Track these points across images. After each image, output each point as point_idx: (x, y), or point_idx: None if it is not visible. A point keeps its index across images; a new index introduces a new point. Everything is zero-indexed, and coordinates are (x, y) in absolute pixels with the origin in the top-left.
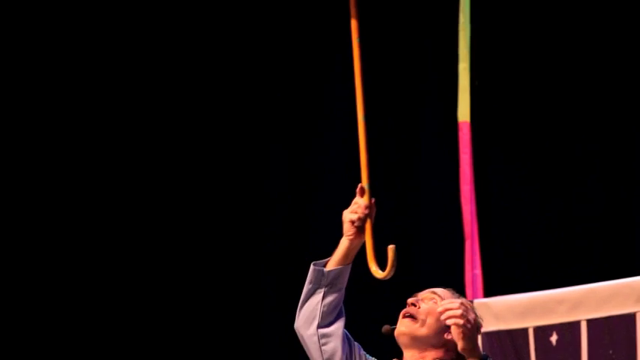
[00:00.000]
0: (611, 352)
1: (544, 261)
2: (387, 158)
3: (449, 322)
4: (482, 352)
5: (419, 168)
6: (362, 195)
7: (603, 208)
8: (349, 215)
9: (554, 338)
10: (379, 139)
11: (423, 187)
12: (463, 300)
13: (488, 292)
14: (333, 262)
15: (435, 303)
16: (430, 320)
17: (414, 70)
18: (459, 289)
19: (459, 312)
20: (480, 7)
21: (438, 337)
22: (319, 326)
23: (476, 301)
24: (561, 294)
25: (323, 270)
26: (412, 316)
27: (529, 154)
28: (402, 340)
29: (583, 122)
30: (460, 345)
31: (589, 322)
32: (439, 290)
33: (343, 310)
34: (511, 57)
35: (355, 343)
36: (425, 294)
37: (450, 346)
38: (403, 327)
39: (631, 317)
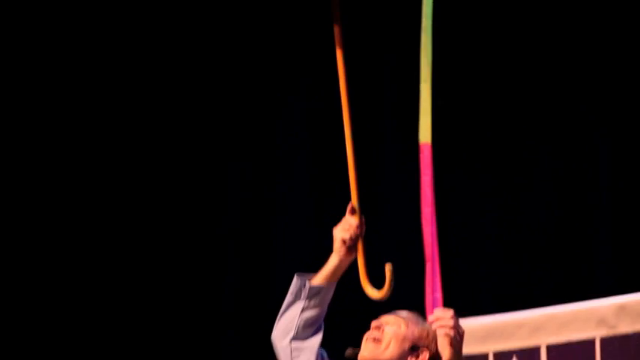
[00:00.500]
0: None
1: (505, 284)
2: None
3: (439, 331)
4: None
5: (380, 190)
6: (352, 214)
7: (564, 232)
8: (341, 234)
9: None
10: (341, 159)
11: (383, 208)
12: (453, 314)
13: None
14: (319, 278)
15: (399, 327)
16: (394, 344)
17: (376, 91)
18: (420, 313)
19: (451, 322)
20: (442, 28)
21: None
22: (293, 338)
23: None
24: (521, 318)
25: (305, 282)
26: (376, 340)
27: (491, 177)
28: None
29: (545, 146)
30: (446, 355)
31: (549, 347)
32: (403, 313)
33: (322, 326)
34: (473, 78)
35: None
36: (389, 318)
37: None
38: (366, 352)
39: (591, 342)
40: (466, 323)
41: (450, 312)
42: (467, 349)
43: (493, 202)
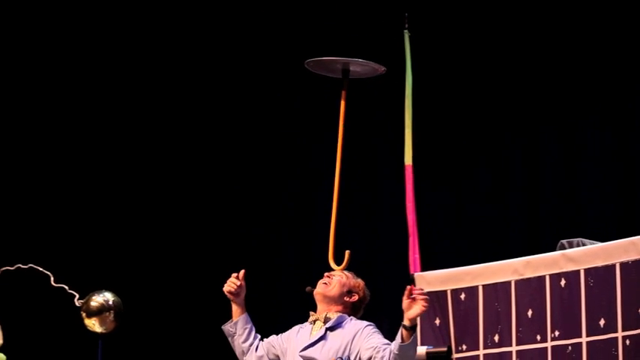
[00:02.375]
0: (496, 304)
1: (457, 250)
2: (353, 192)
3: (419, 301)
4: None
5: (380, 198)
6: (237, 277)
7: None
8: (225, 288)
9: (462, 296)
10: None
11: (382, 208)
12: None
13: (424, 268)
14: (233, 317)
15: (342, 277)
16: (337, 286)
17: (372, 130)
18: (406, 267)
19: (427, 298)
20: (419, 86)
21: (341, 299)
22: (251, 350)
23: (416, 274)
24: (467, 269)
25: (225, 328)
26: (326, 283)
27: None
28: (317, 298)
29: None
30: (413, 314)
31: (484, 286)
32: (345, 272)
33: (253, 333)
34: (444, 118)
35: (271, 337)
36: (336, 272)
37: (346, 305)
38: (320, 289)
39: (509, 283)
40: (434, 273)
41: (425, 294)
42: (432, 288)
43: (453, 204)
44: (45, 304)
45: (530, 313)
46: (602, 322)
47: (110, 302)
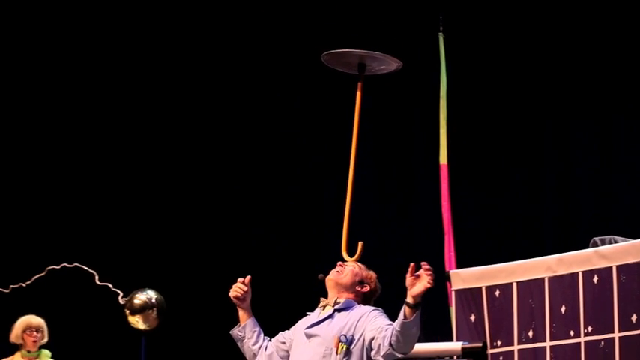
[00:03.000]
0: (530, 300)
1: (492, 248)
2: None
3: (424, 277)
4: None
5: (416, 197)
6: (244, 282)
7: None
8: (231, 293)
9: (497, 293)
10: (388, 181)
11: (420, 207)
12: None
13: (459, 265)
14: (241, 321)
15: (354, 267)
16: (349, 275)
17: (408, 130)
18: (442, 264)
19: (432, 276)
20: (453, 85)
21: (353, 287)
22: (261, 351)
23: (451, 271)
24: (501, 266)
25: (234, 332)
26: (339, 271)
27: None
28: (329, 284)
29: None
30: (416, 292)
31: (518, 283)
32: (357, 263)
33: (262, 335)
34: (479, 119)
35: (279, 334)
36: (349, 263)
37: (357, 294)
38: (332, 276)
39: (542, 280)
40: (468, 270)
41: (430, 267)
42: (467, 285)
43: (486, 204)
44: (90, 301)
45: (563, 309)
46: (634, 317)
47: (153, 300)
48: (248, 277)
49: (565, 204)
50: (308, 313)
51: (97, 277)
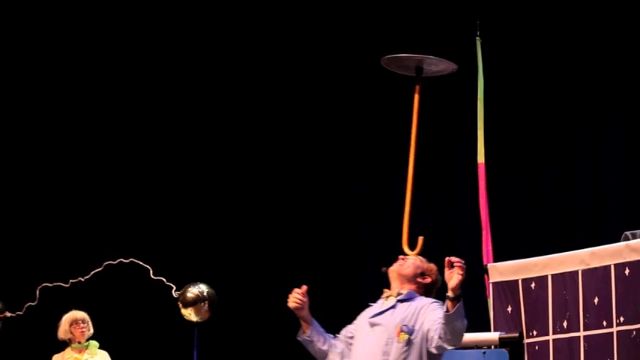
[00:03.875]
0: (564, 292)
1: (528, 242)
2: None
3: (457, 269)
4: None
5: (456, 194)
6: (301, 290)
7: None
8: (290, 304)
9: (532, 285)
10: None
11: (460, 203)
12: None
13: (496, 259)
14: (304, 327)
15: (416, 260)
16: (411, 266)
17: (449, 130)
18: (480, 258)
19: (464, 267)
20: (491, 87)
21: (414, 279)
22: (332, 349)
23: (489, 264)
24: (536, 260)
25: (302, 338)
26: (401, 263)
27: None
28: (391, 275)
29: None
30: (452, 285)
31: (553, 276)
32: (418, 257)
33: (327, 335)
34: (515, 119)
35: (344, 329)
36: (410, 256)
37: (419, 285)
38: (395, 267)
39: (576, 273)
40: (506, 263)
41: (462, 260)
42: (504, 277)
43: (524, 203)
44: (144, 295)
45: (596, 300)
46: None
47: (205, 293)
48: (304, 287)
49: (597, 200)
50: (371, 304)
51: (151, 272)
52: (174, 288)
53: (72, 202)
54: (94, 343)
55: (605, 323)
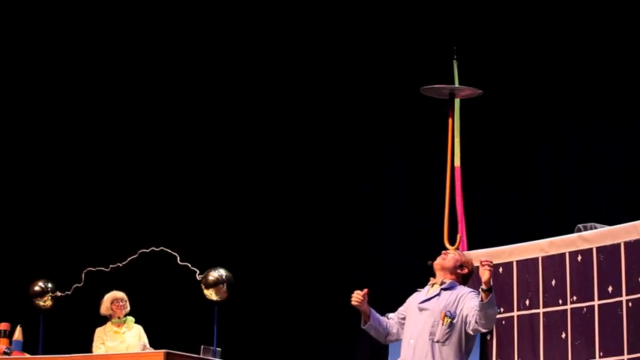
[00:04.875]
0: (527, 276)
1: (496, 233)
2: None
3: (486, 265)
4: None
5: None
6: (362, 292)
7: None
8: (353, 303)
9: (500, 270)
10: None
11: (438, 204)
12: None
13: (470, 248)
14: (365, 317)
15: (456, 254)
16: (452, 260)
17: (431, 139)
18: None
19: (491, 263)
20: (464, 110)
21: (454, 270)
22: (390, 330)
23: (464, 252)
24: (503, 248)
25: (366, 327)
26: (443, 258)
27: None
28: (436, 268)
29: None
30: (485, 277)
31: (517, 262)
32: (457, 251)
33: (384, 318)
34: (486, 130)
35: (398, 312)
36: (450, 251)
37: (458, 275)
38: (438, 261)
39: (537, 259)
40: (476, 251)
41: (491, 259)
42: (476, 264)
43: (495, 205)
44: (173, 278)
45: (553, 282)
46: (610, 288)
47: (224, 276)
48: (365, 290)
49: (555, 198)
50: (418, 289)
51: (178, 259)
52: (198, 272)
53: (112, 199)
54: (131, 319)
55: (560, 302)
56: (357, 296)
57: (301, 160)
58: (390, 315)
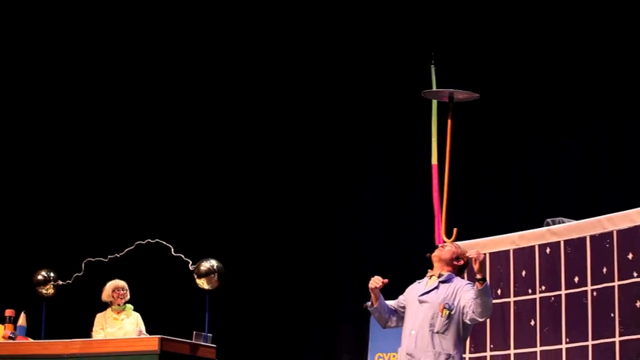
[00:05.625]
0: (499, 267)
1: (471, 227)
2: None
3: (473, 255)
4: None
5: (414, 192)
6: (383, 280)
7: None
8: (371, 285)
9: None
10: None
11: (415, 199)
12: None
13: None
14: (374, 301)
15: (452, 246)
16: (449, 252)
17: (410, 138)
18: (433, 239)
19: (479, 253)
20: (440, 112)
21: (451, 262)
22: (390, 316)
23: (440, 245)
24: (477, 241)
25: (371, 308)
26: (440, 249)
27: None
28: (434, 259)
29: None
30: (476, 268)
31: (490, 254)
32: (453, 244)
33: (387, 304)
34: (461, 131)
35: (399, 299)
36: (447, 244)
37: (455, 267)
38: (436, 252)
39: (508, 251)
40: (453, 243)
41: (478, 251)
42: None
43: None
44: (167, 268)
45: (524, 273)
46: (576, 279)
47: (215, 267)
48: (386, 280)
49: (527, 194)
50: (419, 281)
51: (172, 250)
52: (191, 262)
53: (111, 194)
54: (130, 306)
55: (530, 291)
56: (377, 281)
57: (287, 158)
58: (390, 302)
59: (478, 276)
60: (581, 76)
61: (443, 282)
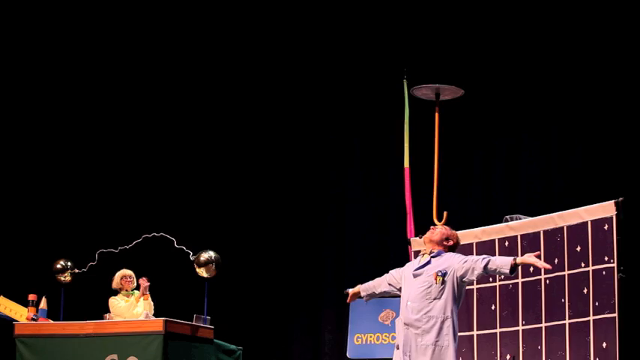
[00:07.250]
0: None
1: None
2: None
3: (538, 265)
4: None
5: (390, 191)
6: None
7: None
8: (348, 301)
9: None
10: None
11: (392, 199)
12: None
13: (416, 234)
14: (361, 297)
15: (442, 228)
16: (439, 234)
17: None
18: (405, 233)
19: (543, 263)
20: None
21: (441, 243)
22: (383, 287)
23: (411, 238)
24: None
25: (365, 300)
26: (431, 232)
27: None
28: (425, 240)
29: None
30: (522, 262)
31: (476, 243)
32: (444, 226)
33: (373, 287)
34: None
35: (394, 271)
36: (438, 226)
37: (445, 247)
38: (427, 234)
39: (471, 244)
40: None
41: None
42: (421, 247)
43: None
44: (170, 258)
45: None
46: (531, 269)
47: (213, 257)
48: (350, 295)
49: (487, 193)
50: (411, 260)
51: (175, 242)
52: (191, 254)
53: (121, 192)
54: (137, 292)
55: (491, 280)
56: (350, 297)
57: (277, 157)
58: (391, 271)
59: (518, 261)
60: (537, 92)
61: (434, 257)
